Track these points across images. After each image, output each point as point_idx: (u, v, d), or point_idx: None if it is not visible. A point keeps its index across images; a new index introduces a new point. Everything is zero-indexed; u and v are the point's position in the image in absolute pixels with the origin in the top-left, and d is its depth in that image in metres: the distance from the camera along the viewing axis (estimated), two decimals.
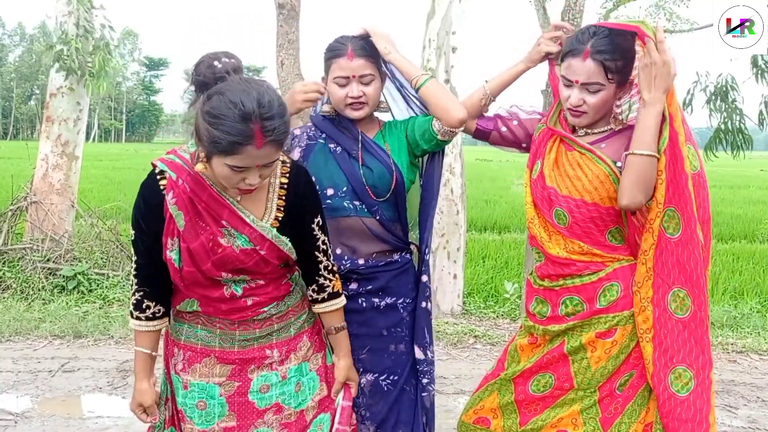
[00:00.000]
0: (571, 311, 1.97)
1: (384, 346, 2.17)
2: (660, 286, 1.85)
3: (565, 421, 1.97)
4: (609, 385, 1.94)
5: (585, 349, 1.94)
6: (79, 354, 4.50)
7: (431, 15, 5.56)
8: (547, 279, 2.03)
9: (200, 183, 1.70)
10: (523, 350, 2.10)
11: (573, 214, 1.94)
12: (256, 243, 1.73)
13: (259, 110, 1.53)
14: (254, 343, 1.85)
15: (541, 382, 2.02)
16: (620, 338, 1.91)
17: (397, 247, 2.20)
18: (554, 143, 2.02)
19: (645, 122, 1.82)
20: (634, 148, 1.82)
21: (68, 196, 6.37)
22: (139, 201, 1.75)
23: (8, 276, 5.85)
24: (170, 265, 1.74)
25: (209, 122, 1.55)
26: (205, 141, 1.57)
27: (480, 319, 5.57)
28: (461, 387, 4.05)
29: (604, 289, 1.93)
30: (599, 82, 1.87)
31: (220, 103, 1.54)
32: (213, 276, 1.73)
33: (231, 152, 1.55)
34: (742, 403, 3.94)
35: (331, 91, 2.14)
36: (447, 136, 2.15)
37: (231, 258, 1.71)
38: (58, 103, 6.35)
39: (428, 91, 2.13)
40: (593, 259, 1.94)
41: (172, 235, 1.71)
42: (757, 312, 5.79)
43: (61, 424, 3.40)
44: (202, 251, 1.70)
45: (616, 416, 1.93)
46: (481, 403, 2.14)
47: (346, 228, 2.15)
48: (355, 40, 2.13)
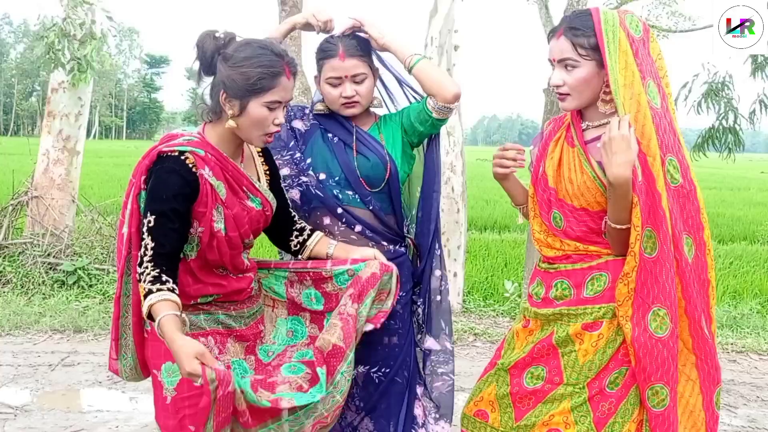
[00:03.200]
0: (559, 295, 1.97)
1: (377, 338, 2.17)
2: (640, 305, 1.83)
3: (557, 419, 1.94)
4: (598, 383, 1.92)
5: (573, 341, 1.93)
6: (78, 348, 4.51)
7: (433, 13, 5.56)
8: (546, 262, 2.04)
9: (222, 155, 1.84)
10: (518, 336, 2.09)
11: (567, 218, 1.94)
12: (264, 204, 1.93)
13: (282, 50, 1.81)
14: (251, 320, 2.01)
15: (534, 375, 2.00)
16: (606, 332, 1.90)
17: (389, 239, 2.21)
18: (558, 142, 2.00)
19: (616, 203, 1.81)
20: (612, 221, 1.85)
21: (69, 192, 6.38)
22: (164, 180, 1.74)
23: (8, 270, 5.85)
24: (219, 239, 1.81)
25: (245, 66, 1.74)
26: (242, 87, 1.75)
27: (480, 318, 5.58)
28: (461, 384, 4.05)
29: (593, 278, 1.92)
30: (572, 58, 1.86)
31: (251, 49, 1.77)
32: (246, 238, 1.90)
33: (270, 86, 1.76)
34: (742, 402, 3.94)
35: (325, 91, 2.16)
36: (442, 113, 2.15)
37: (257, 218, 1.91)
38: (60, 98, 6.36)
39: (421, 70, 2.15)
40: (587, 252, 1.95)
41: (215, 205, 1.79)
42: (756, 312, 5.80)
43: (60, 418, 3.40)
44: (241, 215, 1.85)
45: (609, 416, 1.91)
46: (480, 394, 2.13)
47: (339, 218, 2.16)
48: (345, 40, 2.14)
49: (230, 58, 1.77)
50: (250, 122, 1.80)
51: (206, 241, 1.80)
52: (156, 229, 1.73)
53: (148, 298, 1.67)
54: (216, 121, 1.86)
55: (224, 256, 1.85)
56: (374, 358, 2.19)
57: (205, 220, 1.79)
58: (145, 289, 1.69)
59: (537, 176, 2.04)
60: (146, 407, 3.60)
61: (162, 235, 1.73)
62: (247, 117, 1.79)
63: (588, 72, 1.87)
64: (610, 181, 1.79)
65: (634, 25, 1.88)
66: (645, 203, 1.80)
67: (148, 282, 1.69)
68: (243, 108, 1.78)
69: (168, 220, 1.73)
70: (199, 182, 1.76)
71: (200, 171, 1.77)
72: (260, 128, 1.81)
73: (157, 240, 1.72)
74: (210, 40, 1.80)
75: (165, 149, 1.78)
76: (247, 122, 1.80)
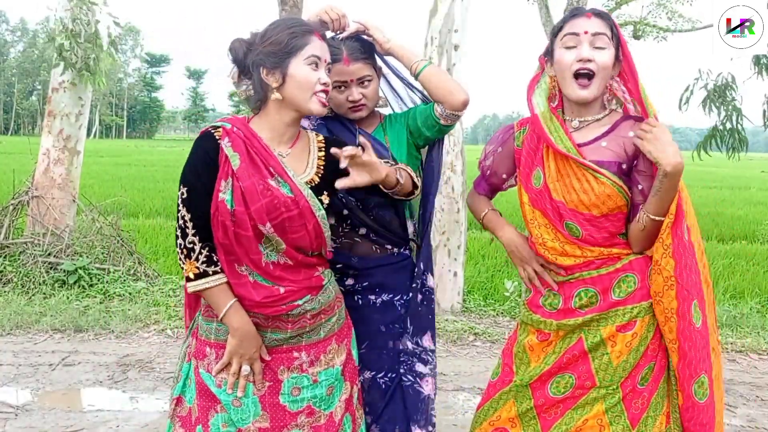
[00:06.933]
0: (585, 303, 1.92)
1: (383, 343, 2.17)
2: (685, 298, 1.81)
3: (591, 423, 1.90)
4: (631, 381, 1.89)
5: (605, 344, 1.90)
6: (79, 348, 4.52)
7: (434, 12, 5.56)
8: (560, 275, 1.98)
9: (253, 133, 1.83)
10: (533, 350, 2.01)
11: (585, 226, 1.90)
12: (296, 195, 1.81)
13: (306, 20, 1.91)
14: (283, 344, 1.86)
15: (561, 383, 1.95)
16: (640, 330, 1.88)
17: (394, 242, 2.19)
18: (547, 152, 1.95)
19: (667, 194, 1.80)
20: (654, 214, 1.82)
21: (69, 191, 6.38)
22: (193, 153, 1.82)
23: (9, 270, 5.86)
24: (222, 211, 1.75)
25: (274, 34, 1.80)
26: (278, 52, 1.79)
27: (480, 317, 5.59)
28: (461, 384, 4.07)
29: (620, 280, 1.90)
30: (606, 34, 1.85)
31: (275, 22, 1.85)
32: (260, 222, 1.76)
33: (304, 43, 1.80)
34: (742, 402, 3.95)
35: (330, 96, 2.12)
36: (449, 120, 2.12)
37: (278, 203, 1.78)
38: (60, 98, 6.36)
39: (427, 76, 2.11)
40: (610, 255, 1.91)
41: (225, 176, 1.77)
42: (756, 312, 5.81)
43: (61, 417, 3.41)
44: (254, 190, 1.76)
45: (642, 411, 1.89)
46: (496, 413, 2.04)
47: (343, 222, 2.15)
48: (348, 43, 2.10)
49: (259, 39, 1.83)
50: (296, 85, 1.80)
51: (212, 214, 1.77)
52: (188, 200, 1.78)
53: (204, 280, 1.77)
54: (263, 108, 1.88)
55: (229, 236, 1.76)
56: (381, 363, 2.17)
57: (215, 191, 1.79)
58: (200, 270, 1.77)
59: (532, 189, 1.98)
60: (147, 407, 3.61)
61: (194, 206, 1.77)
62: (291, 81, 1.80)
63: (611, 57, 1.87)
64: (667, 171, 1.76)
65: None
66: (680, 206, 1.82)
67: (203, 263, 1.77)
68: (284, 74, 1.80)
69: (196, 192, 1.77)
70: (218, 152, 1.79)
71: (221, 142, 1.79)
72: (307, 89, 1.81)
73: (191, 211, 1.77)
74: (239, 43, 1.86)
75: (206, 127, 1.86)
76: (293, 87, 1.80)
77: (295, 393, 1.86)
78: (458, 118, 2.14)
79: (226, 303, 1.78)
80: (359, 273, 2.16)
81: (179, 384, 1.92)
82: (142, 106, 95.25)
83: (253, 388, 1.83)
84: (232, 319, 1.78)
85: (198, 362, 1.87)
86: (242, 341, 1.79)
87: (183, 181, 1.79)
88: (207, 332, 1.86)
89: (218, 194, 1.76)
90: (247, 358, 1.80)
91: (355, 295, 2.16)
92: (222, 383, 1.82)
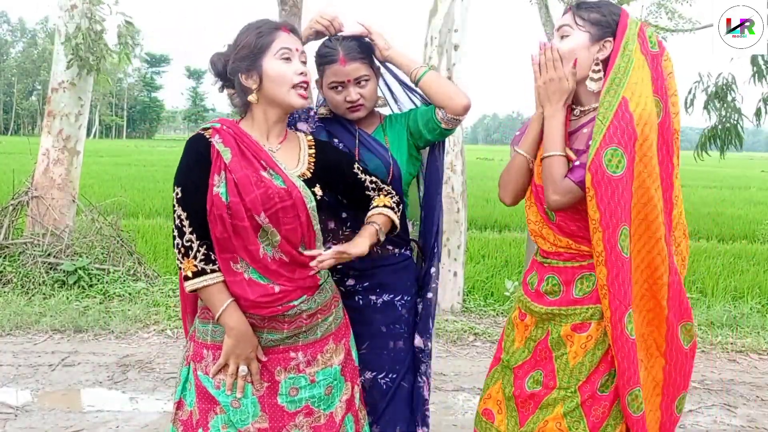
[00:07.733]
0: (549, 290, 1.97)
1: (383, 343, 2.17)
2: (617, 307, 1.82)
3: (551, 426, 1.91)
4: (590, 386, 1.89)
5: (564, 344, 1.92)
6: (79, 348, 4.51)
7: (433, 12, 5.56)
8: (542, 255, 2.04)
9: (243, 132, 1.87)
10: (517, 327, 2.07)
11: (558, 213, 1.94)
12: (289, 186, 1.83)
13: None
14: (280, 344, 1.86)
15: (534, 379, 1.99)
16: (595, 333, 1.89)
17: (394, 242, 2.19)
18: None
19: (551, 131, 1.90)
20: (546, 151, 1.88)
21: (69, 191, 6.38)
22: (185, 154, 1.84)
23: (9, 270, 5.86)
24: (217, 205, 1.76)
25: (243, 38, 1.85)
26: (249, 55, 1.84)
27: (480, 317, 5.59)
28: (461, 384, 4.07)
29: (582, 277, 1.92)
30: (568, 25, 1.92)
31: (243, 27, 1.89)
32: (255, 213, 1.77)
33: (272, 39, 1.84)
34: (742, 402, 3.95)
35: (328, 97, 2.13)
36: (451, 124, 2.13)
37: (272, 193, 1.80)
38: (60, 98, 6.36)
39: (428, 83, 2.12)
40: (579, 252, 1.93)
41: (218, 170, 1.79)
42: (757, 312, 5.81)
43: (61, 418, 3.41)
44: (247, 182, 1.78)
45: (603, 419, 1.89)
46: (488, 390, 2.11)
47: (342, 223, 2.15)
48: (344, 43, 2.09)
49: (233, 47, 1.87)
50: (272, 81, 1.84)
51: (209, 209, 1.78)
52: (183, 199, 1.79)
53: (203, 278, 1.77)
54: (249, 111, 1.92)
55: (227, 228, 1.76)
56: (381, 363, 2.17)
57: (209, 186, 1.80)
58: (198, 268, 1.77)
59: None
60: (146, 407, 3.61)
61: (190, 205, 1.78)
62: (267, 79, 1.84)
63: (580, 43, 1.91)
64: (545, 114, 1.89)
65: (653, 39, 1.91)
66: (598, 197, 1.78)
67: (200, 261, 1.78)
68: (260, 74, 1.84)
69: (190, 190, 1.79)
70: (209, 149, 1.81)
71: (212, 140, 1.83)
72: (283, 83, 1.84)
73: (187, 209, 1.79)
74: (217, 57, 1.91)
75: (197, 129, 1.89)
76: (270, 84, 1.84)
77: (293, 393, 1.86)
78: (459, 122, 2.14)
79: (223, 302, 1.78)
80: (360, 273, 2.16)
81: (179, 388, 1.92)
82: (142, 106, 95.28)
83: (251, 388, 1.83)
84: (228, 318, 1.78)
85: (196, 365, 1.86)
86: (238, 341, 1.78)
87: (177, 182, 1.81)
88: (203, 334, 1.87)
89: (212, 189, 1.77)
90: (243, 359, 1.80)
91: (355, 296, 2.16)
92: (221, 384, 1.82)
